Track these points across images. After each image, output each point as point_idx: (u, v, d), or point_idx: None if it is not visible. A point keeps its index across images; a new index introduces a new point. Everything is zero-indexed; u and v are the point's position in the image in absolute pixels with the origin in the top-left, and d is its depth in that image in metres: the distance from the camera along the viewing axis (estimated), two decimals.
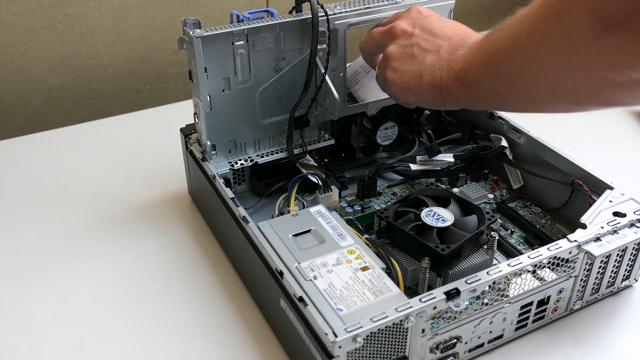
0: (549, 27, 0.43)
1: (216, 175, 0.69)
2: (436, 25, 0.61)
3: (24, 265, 0.73)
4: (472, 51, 0.55)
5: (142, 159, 0.92)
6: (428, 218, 0.62)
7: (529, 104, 0.50)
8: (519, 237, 0.70)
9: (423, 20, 0.62)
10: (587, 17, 0.39)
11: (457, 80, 0.55)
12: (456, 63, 0.56)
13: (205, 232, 0.77)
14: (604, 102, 0.44)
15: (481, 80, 0.52)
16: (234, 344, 0.62)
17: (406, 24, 0.63)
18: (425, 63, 0.59)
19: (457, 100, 0.57)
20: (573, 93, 0.45)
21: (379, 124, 0.81)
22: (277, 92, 0.73)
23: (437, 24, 0.61)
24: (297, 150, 0.76)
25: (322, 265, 0.56)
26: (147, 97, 1.20)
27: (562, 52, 0.42)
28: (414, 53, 0.60)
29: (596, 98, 0.44)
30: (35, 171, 0.90)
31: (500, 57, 0.49)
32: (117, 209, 0.82)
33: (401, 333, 0.52)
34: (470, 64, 0.54)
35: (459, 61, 0.56)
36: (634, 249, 0.63)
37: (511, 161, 0.76)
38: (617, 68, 0.40)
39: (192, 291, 0.68)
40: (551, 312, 0.62)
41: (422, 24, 0.62)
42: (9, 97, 1.08)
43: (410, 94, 0.61)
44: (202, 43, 0.66)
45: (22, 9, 1.03)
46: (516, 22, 0.47)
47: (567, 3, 0.41)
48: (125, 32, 1.12)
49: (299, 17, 0.70)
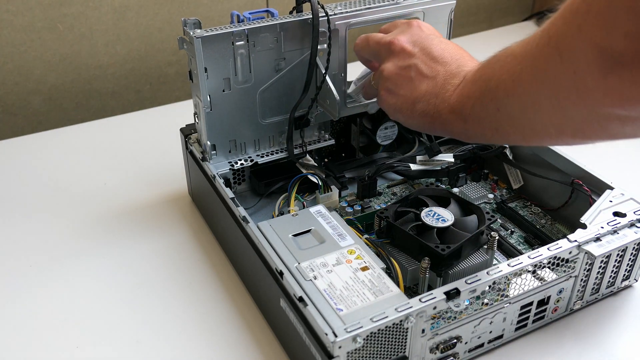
0: (552, 67, 0.42)
1: (216, 175, 0.69)
2: (437, 48, 0.59)
3: (24, 265, 0.73)
4: (467, 83, 0.53)
5: (142, 159, 0.92)
6: (428, 218, 0.62)
7: (532, 139, 0.50)
8: (519, 237, 0.70)
9: (424, 40, 0.60)
10: (594, 56, 0.38)
11: (452, 112, 0.54)
12: (451, 94, 0.55)
13: (205, 232, 0.77)
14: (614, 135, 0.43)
15: (478, 115, 0.51)
16: (234, 344, 0.62)
17: (407, 42, 0.60)
18: (420, 89, 0.57)
19: (451, 131, 0.56)
20: (580, 129, 0.43)
21: (379, 124, 0.81)
22: (277, 92, 0.73)
23: (437, 47, 0.59)
24: (297, 150, 0.76)
25: (322, 265, 0.56)
26: (147, 97, 1.20)
27: (568, 90, 0.41)
28: (411, 76, 0.58)
29: (605, 132, 0.43)
30: (35, 171, 0.90)
31: (499, 94, 0.48)
32: (117, 209, 0.82)
33: (401, 333, 0.52)
34: (467, 97, 0.52)
35: (454, 92, 0.55)
36: (634, 249, 0.63)
37: (511, 161, 0.76)
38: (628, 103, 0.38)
39: (192, 291, 0.68)
40: (551, 312, 0.62)
41: (423, 44, 0.60)
42: (9, 97, 1.08)
43: (402, 117, 0.60)
44: (203, 43, 0.66)
45: (22, 9, 1.03)
46: (513, 59, 0.46)
47: (570, 44, 0.39)
48: (125, 32, 1.12)
49: (300, 17, 0.70)
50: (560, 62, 0.41)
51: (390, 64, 0.61)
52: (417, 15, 0.75)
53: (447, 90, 0.55)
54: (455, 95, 0.54)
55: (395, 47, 0.61)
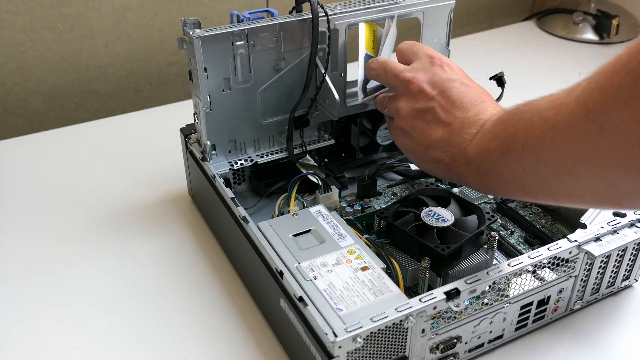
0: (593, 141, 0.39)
1: (216, 175, 0.69)
2: (457, 92, 0.56)
3: (23, 265, 0.73)
4: (486, 135, 0.51)
5: (142, 159, 0.92)
6: (428, 218, 0.62)
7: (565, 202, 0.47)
8: (519, 237, 0.70)
9: (444, 84, 0.57)
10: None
11: (468, 164, 0.52)
12: (467, 144, 0.52)
13: (205, 232, 0.77)
14: None
15: (501, 173, 0.49)
16: (234, 344, 0.62)
17: (426, 82, 0.58)
18: (435, 135, 0.55)
19: (467, 183, 0.54)
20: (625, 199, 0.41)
21: (379, 124, 0.81)
22: (277, 92, 0.73)
23: (457, 91, 0.56)
24: (297, 150, 0.76)
25: (322, 265, 0.56)
26: (147, 97, 1.20)
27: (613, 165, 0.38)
28: (427, 120, 0.56)
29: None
30: (35, 171, 0.90)
31: (526, 157, 0.45)
32: (117, 209, 0.82)
33: (401, 333, 0.52)
34: (486, 151, 0.50)
35: (471, 143, 0.52)
36: (634, 249, 0.63)
37: None
38: None
39: (192, 291, 0.68)
40: (551, 312, 0.62)
41: (443, 87, 0.57)
42: (9, 97, 1.08)
43: (415, 159, 0.58)
44: (202, 43, 0.66)
45: (22, 9, 1.03)
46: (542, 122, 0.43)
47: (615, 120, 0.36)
48: (125, 32, 1.12)
49: (299, 17, 0.70)
50: (602, 137, 0.38)
51: (407, 104, 0.59)
52: (416, 15, 0.75)
53: (463, 139, 0.53)
54: (472, 146, 0.52)
55: (414, 88, 0.58)
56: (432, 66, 0.59)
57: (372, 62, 0.65)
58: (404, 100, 0.59)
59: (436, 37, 0.78)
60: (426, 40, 0.77)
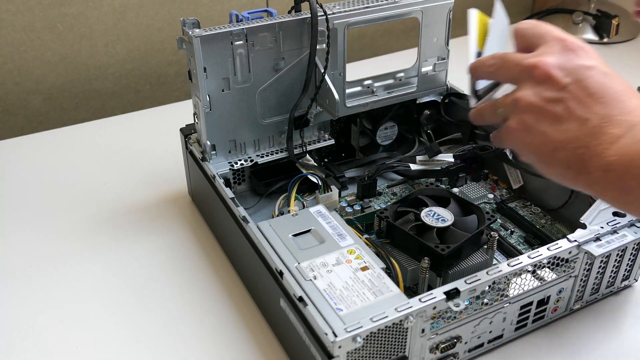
0: None
1: (216, 175, 0.69)
2: (596, 83, 0.45)
3: (23, 265, 0.73)
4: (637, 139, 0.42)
5: (142, 159, 0.92)
6: (428, 218, 0.62)
7: None
8: (519, 237, 0.70)
9: (582, 71, 0.46)
10: None
11: (606, 172, 0.43)
12: (607, 146, 0.43)
13: (205, 232, 0.77)
14: None
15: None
16: (234, 344, 0.62)
17: (556, 67, 0.46)
18: (567, 133, 0.44)
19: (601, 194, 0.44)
20: None
21: (379, 124, 0.81)
22: (277, 92, 0.73)
23: (597, 81, 0.45)
24: (297, 150, 0.76)
25: (322, 265, 0.56)
26: (147, 97, 1.20)
27: None
28: (558, 113, 0.45)
29: None
30: (35, 171, 0.90)
31: None
32: (117, 209, 0.82)
33: (401, 333, 0.52)
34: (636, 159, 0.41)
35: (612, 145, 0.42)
36: (633, 249, 0.63)
37: (511, 161, 0.76)
38: None
39: (192, 291, 0.68)
40: (551, 312, 0.62)
41: (578, 75, 0.45)
42: (9, 97, 1.08)
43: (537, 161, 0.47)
44: (202, 43, 0.66)
45: (22, 9, 1.03)
46: None
47: None
48: (125, 32, 1.12)
49: (298, 16, 0.70)
50: None
51: (531, 92, 0.46)
52: (415, 15, 0.75)
53: (601, 141, 0.43)
54: (614, 151, 0.42)
55: (540, 73, 0.46)
56: (564, 50, 0.47)
57: (489, 57, 0.51)
58: (526, 88, 0.47)
59: (435, 37, 0.78)
60: (425, 40, 0.77)
